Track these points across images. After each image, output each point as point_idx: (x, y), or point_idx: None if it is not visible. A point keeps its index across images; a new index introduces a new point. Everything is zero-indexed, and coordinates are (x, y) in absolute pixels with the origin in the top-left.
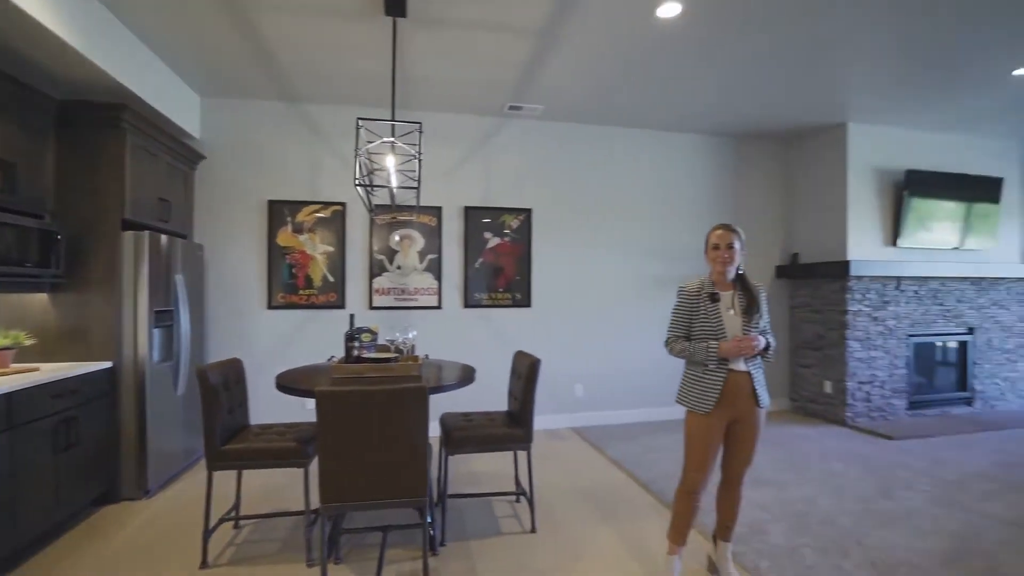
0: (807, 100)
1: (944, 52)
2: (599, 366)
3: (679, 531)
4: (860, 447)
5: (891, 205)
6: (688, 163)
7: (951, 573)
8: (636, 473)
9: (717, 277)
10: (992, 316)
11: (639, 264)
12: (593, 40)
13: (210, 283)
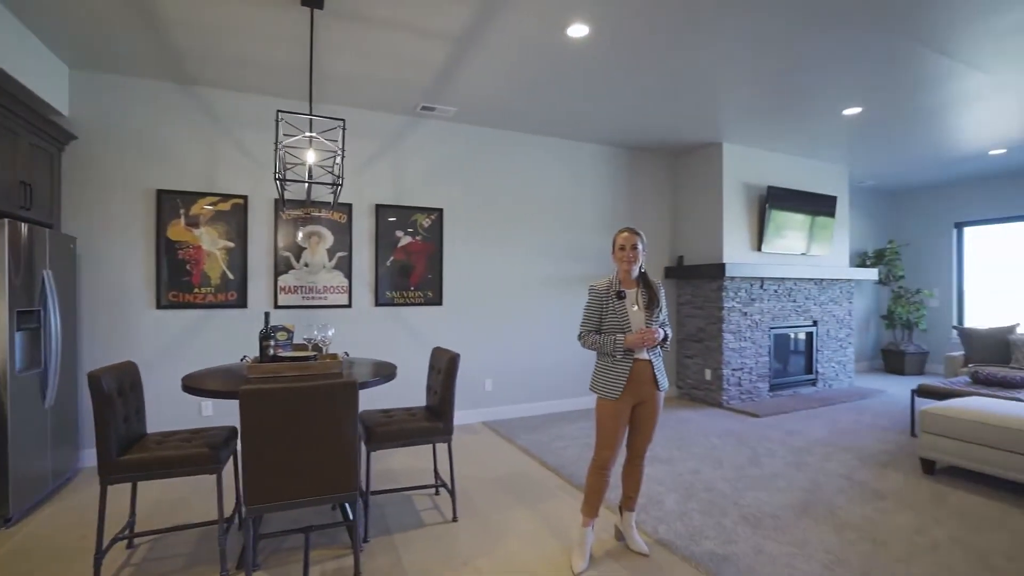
0: (690, 121)
1: (794, 92)
2: (507, 361)
3: (592, 505)
4: (733, 425)
5: (756, 215)
6: (590, 171)
7: (803, 519)
8: (546, 460)
9: (623, 275)
10: (830, 311)
11: (545, 264)
12: (508, 51)
13: (85, 280)
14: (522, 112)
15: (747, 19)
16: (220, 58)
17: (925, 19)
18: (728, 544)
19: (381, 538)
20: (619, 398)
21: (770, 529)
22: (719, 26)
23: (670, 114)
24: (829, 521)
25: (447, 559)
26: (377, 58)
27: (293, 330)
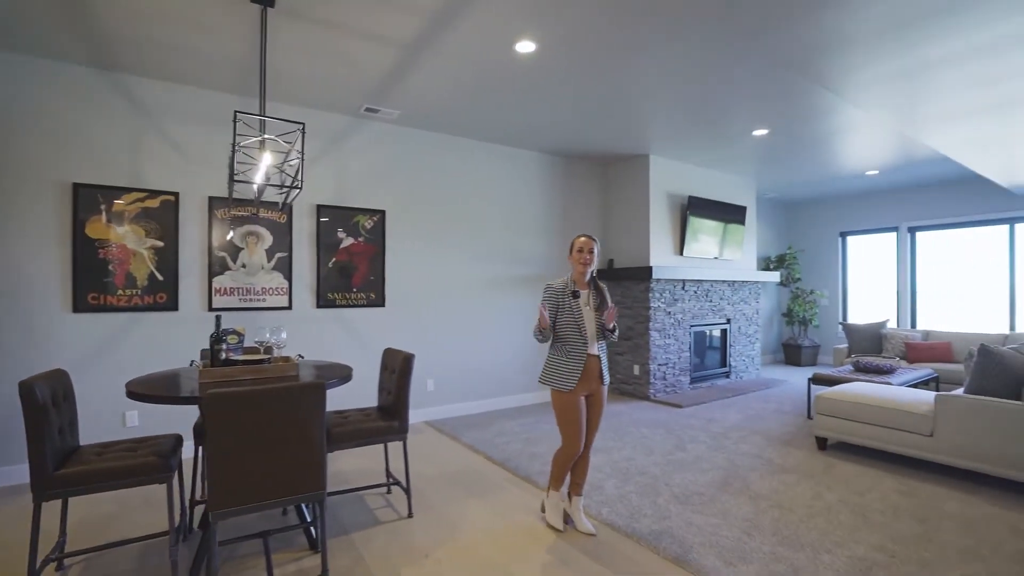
0: (622, 134)
1: (713, 114)
2: (449, 361)
3: (561, 480)
4: (660, 416)
5: (678, 222)
6: (529, 177)
7: (724, 494)
8: (492, 455)
9: (578, 277)
10: (740, 310)
11: (486, 266)
12: (457, 61)
13: None
14: (466, 118)
15: (674, 48)
16: (154, 45)
17: (821, 63)
18: (663, 520)
19: (339, 538)
20: (573, 390)
21: (697, 504)
22: (650, 53)
23: (605, 127)
24: (745, 494)
25: (408, 553)
26: (324, 58)
27: (244, 333)
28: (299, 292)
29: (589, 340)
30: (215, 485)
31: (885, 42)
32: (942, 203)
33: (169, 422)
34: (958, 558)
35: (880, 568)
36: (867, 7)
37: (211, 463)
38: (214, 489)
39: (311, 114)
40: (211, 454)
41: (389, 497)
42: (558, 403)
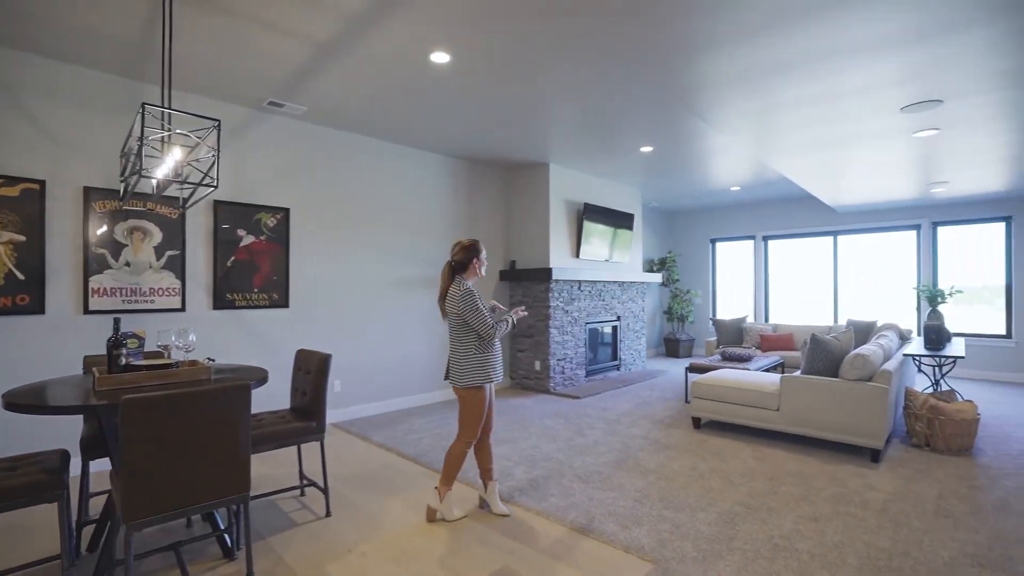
0: (525, 143)
1: (606, 130)
2: (356, 362)
3: (453, 478)
4: (560, 407)
5: (575, 227)
6: (436, 180)
7: (619, 471)
8: (405, 451)
9: (476, 281)
10: (629, 308)
11: (392, 266)
12: (372, 64)
13: None
14: (377, 119)
15: (576, 72)
16: (15, 13)
17: (697, 97)
18: (568, 497)
19: (255, 543)
20: (489, 383)
21: (597, 482)
22: (555, 74)
23: (510, 136)
24: (636, 470)
25: (330, 549)
26: (227, 47)
27: (145, 336)
28: (194, 293)
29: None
30: (132, 494)
31: (746, 86)
32: (788, 217)
33: (32, 439)
34: (795, 504)
35: (740, 518)
36: (732, 57)
37: (126, 472)
38: (130, 498)
39: (207, 103)
40: (127, 462)
41: (304, 500)
42: (479, 398)
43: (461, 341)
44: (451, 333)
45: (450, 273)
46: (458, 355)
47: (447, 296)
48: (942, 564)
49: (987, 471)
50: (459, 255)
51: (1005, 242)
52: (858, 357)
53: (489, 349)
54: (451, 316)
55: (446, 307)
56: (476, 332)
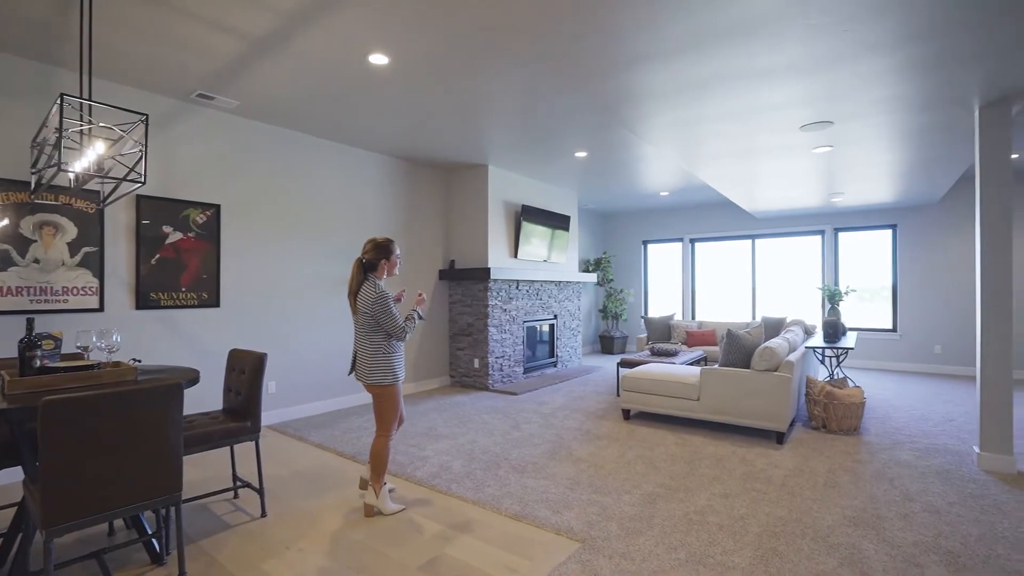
0: (465, 145)
1: (542, 135)
2: (291, 363)
3: (382, 473)
4: (498, 403)
5: (513, 228)
6: (375, 178)
7: (553, 461)
8: (343, 450)
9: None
10: (565, 307)
11: (330, 265)
12: (309, 62)
13: None
14: (314, 117)
15: (514, 79)
16: None
17: (626, 109)
18: (504, 487)
19: (186, 547)
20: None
21: (531, 472)
22: (494, 80)
23: (450, 138)
24: (569, 459)
25: (267, 548)
26: (153, 36)
27: (61, 337)
28: (114, 292)
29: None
30: (51, 498)
31: (669, 101)
32: (713, 221)
33: None
34: (709, 483)
35: (660, 498)
36: (655, 74)
37: (46, 476)
38: (49, 503)
39: (130, 92)
40: (47, 466)
41: (237, 502)
42: (393, 395)
43: (371, 340)
44: (360, 330)
45: (360, 270)
46: (368, 353)
47: (359, 294)
48: (826, 527)
49: (869, 447)
50: (370, 254)
51: (892, 247)
52: (766, 350)
53: (400, 348)
54: (362, 315)
55: (357, 305)
56: (387, 333)
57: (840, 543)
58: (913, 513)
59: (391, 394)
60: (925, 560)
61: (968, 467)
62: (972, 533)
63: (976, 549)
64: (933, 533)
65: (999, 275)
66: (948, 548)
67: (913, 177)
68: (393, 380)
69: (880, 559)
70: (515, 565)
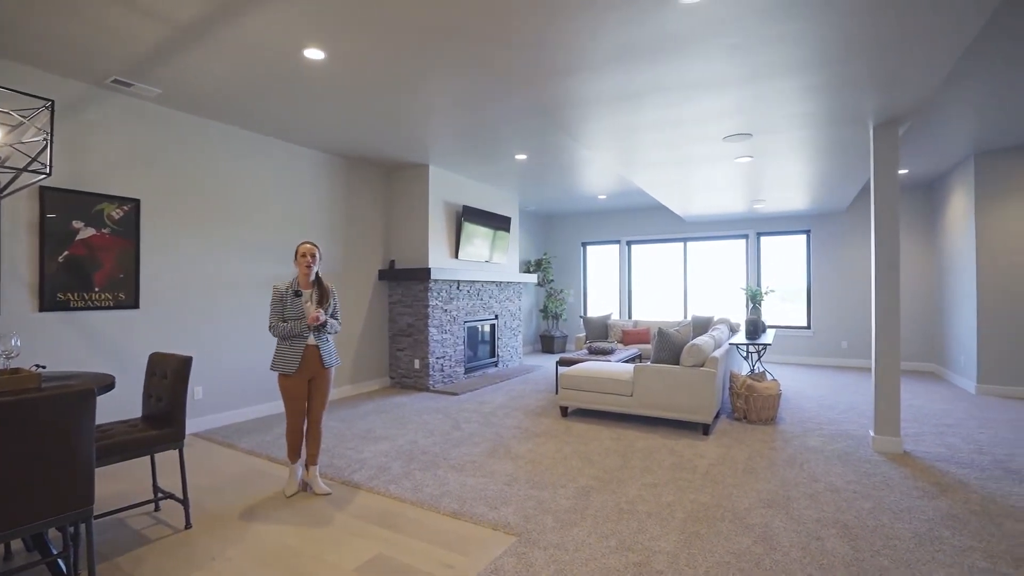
0: (405, 144)
1: (483, 137)
2: (220, 366)
3: (294, 451)
4: (439, 404)
5: (454, 228)
6: (310, 176)
7: (492, 459)
8: (275, 455)
9: (302, 278)
10: (506, 307)
11: (263, 264)
12: (239, 52)
13: None
14: (246, 109)
15: (455, 81)
16: None
17: (565, 114)
18: (442, 486)
19: (99, 565)
20: (295, 373)
21: (471, 470)
22: (434, 81)
23: (390, 137)
24: (508, 457)
25: (191, 561)
26: (62, 14)
27: None
28: (12, 293)
29: (308, 332)
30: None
31: (605, 108)
32: (648, 224)
33: None
34: (640, 474)
35: (594, 491)
36: (592, 82)
37: None
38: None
39: (34, 74)
40: None
41: (159, 514)
42: (282, 385)
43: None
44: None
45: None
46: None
47: None
48: (743, 509)
49: (784, 435)
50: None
51: (806, 251)
52: (693, 347)
53: (284, 342)
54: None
55: None
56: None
57: (755, 523)
58: (818, 492)
59: (280, 383)
60: (825, 533)
61: (864, 449)
62: (864, 507)
63: (866, 520)
64: (833, 509)
65: (889, 278)
66: (844, 521)
67: (822, 187)
68: (279, 370)
69: (788, 535)
70: (452, 562)
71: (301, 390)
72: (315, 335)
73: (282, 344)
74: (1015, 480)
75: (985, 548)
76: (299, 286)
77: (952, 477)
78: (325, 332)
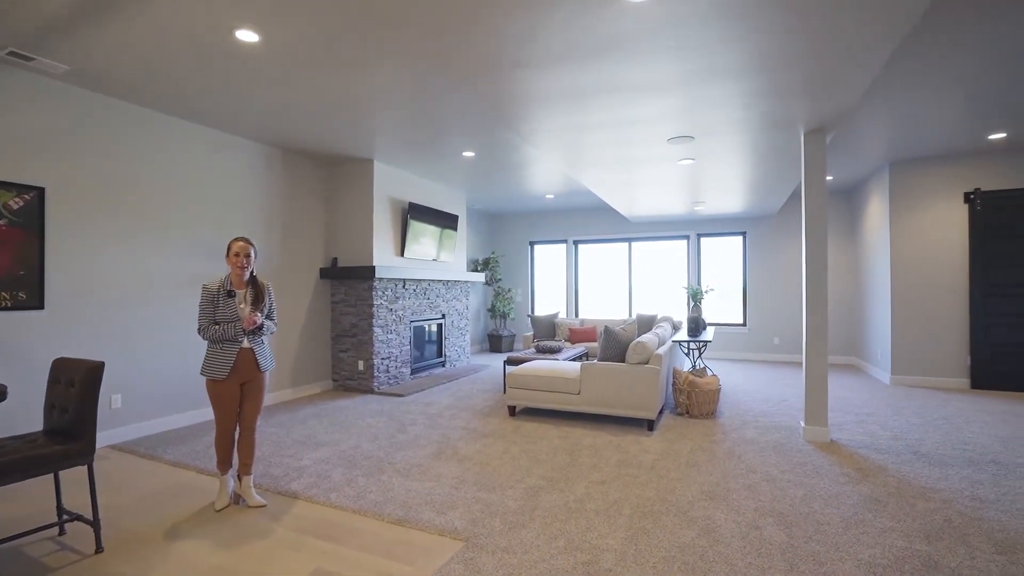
0: (348, 136)
1: (430, 132)
2: (141, 372)
3: (225, 462)
4: (384, 406)
5: (400, 225)
6: (249, 168)
7: (438, 462)
8: (206, 466)
9: (235, 278)
10: (454, 306)
11: (189, 262)
12: (160, 29)
13: None
14: (168, 91)
15: (401, 74)
16: None
17: (513, 112)
18: (387, 492)
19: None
20: (227, 378)
21: (416, 475)
22: (379, 72)
23: (331, 128)
24: (455, 459)
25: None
26: None
27: None
28: None
29: (243, 335)
30: None
31: (552, 107)
32: (594, 224)
33: None
34: (588, 472)
35: (543, 491)
36: (538, 80)
37: None
38: None
39: None
40: None
41: (64, 539)
42: (211, 391)
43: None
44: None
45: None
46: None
47: None
48: (686, 502)
49: (723, 428)
50: None
51: (742, 252)
52: (638, 344)
53: (216, 345)
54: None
55: None
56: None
57: (698, 516)
58: (755, 483)
59: (210, 389)
60: (763, 523)
61: (796, 439)
62: (797, 495)
63: (799, 508)
64: (769, 498)
65: (818, 277)
66: (780, 510)
67: (758, 191)
68: (209, 375)
69: (728, 526)
70: (396, 572)
71: (232, 395)
72: (250, 338)
73: (213, 347)
74: (925, 463)
75: (902, 528)
76: (232, 285)
77: (872, 463)
78: (261, 335)
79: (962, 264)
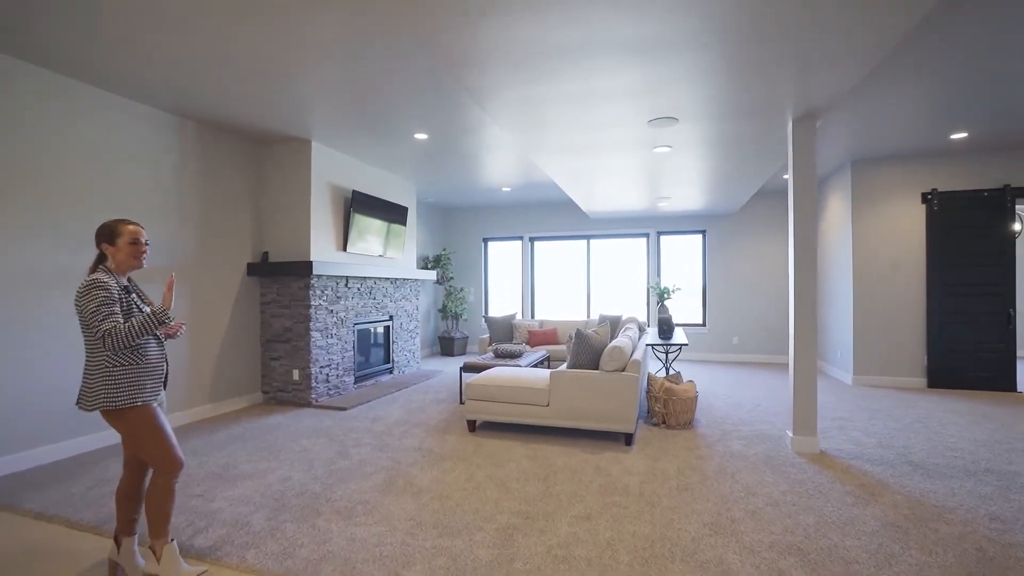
0: (280, 110)
1: (376, 109)
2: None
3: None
4: (323, 422)
5: (342, 217)
6: (150, 141)
7: (388, 496)
8: (79, 518)
9: (127, 271)
10: (402, 307)
11: (76, 255)
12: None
13: None
14: (36, 37)
15: (338, 29)
16: None
17: (475, 74)
18: (323, 544)
19: None
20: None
21: (361, 516)
22: (302, 17)
23: (258, 95)
24: (408, 491)
25: None
26: None
27: None
28: None
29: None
30: None
31: (518, 73)
32: (552, 220)
33: None
34: (568, 503)
35: (518, 531)
36: (498, 32)
37: None
38: None
39: None
40: None
41: None
42: (141, 421)
43: (94, 352)
44: (85, 342)
45: (93, 265)
46: (89, 369)
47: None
48: (690, 540)
49: (706, 440)
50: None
51: (702, 250)
52: (615, 349)
53: (137, 359)
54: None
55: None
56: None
57: (708, 559)
58: (759, 509)
59: (138, 418)
60: (784, 564)
61: (784, 451)
62: (809, 523)
63: (817, 541)
64: (780, 529)
65: (807, 272)
66: (797, 544)
67: (725, 186)
68: (128, 401)
69: (747, 570)
70: None
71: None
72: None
73: (134, 361)
74: (923, 476)
75: (938, 563)
76: (126, 282)
77: (872, 477)
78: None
79: (921, 264)
